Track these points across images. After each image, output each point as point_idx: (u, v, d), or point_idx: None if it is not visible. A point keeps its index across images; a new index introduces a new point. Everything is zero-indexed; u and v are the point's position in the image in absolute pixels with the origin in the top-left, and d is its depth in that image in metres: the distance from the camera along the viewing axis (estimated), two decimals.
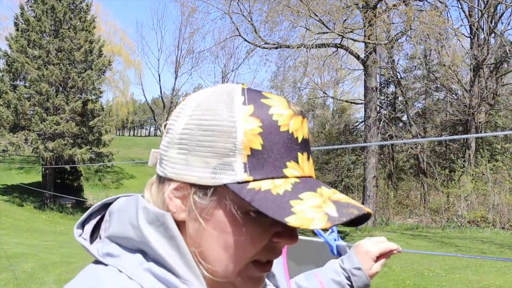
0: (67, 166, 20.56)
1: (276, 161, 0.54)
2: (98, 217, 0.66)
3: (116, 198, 0.64)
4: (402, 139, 18.45)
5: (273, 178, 0.54)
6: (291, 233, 0.57)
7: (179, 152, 0.57)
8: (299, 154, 0.56)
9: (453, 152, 20.57)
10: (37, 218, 18.34)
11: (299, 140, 0.56)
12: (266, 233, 0.56)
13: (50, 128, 19.20)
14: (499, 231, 13.86)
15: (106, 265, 0.57)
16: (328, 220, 0.49)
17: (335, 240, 2.32)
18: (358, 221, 0.55)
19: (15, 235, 13.11)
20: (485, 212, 15.24)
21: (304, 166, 0.56)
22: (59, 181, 23.12)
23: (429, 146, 20.40)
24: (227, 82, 43.29)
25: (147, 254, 0.57)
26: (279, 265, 0.80)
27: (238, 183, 0.53)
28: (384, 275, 8.52)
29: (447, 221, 15.76)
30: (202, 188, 0.56)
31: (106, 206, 0.65)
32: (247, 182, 0.53)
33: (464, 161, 17.28)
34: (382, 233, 13.88)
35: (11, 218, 16.76)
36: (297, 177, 0.55)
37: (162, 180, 0.60)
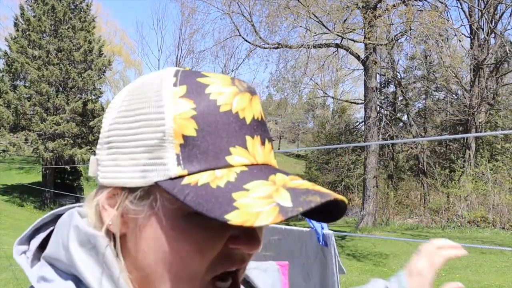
0: (67, 166, 20.57)
1: (216, 148, 0.45)
2: (49, 230, 0.56)
3: (69, 209, 0.54)
4: (402, 139, 18.46)
5: (213, 169, 0.44)
6: (250, 236, 0.46)
7: (108, 153, 0.49)
8: (248, 137, 0.46)
9: (453, 152, 20.57)
10: (37, 218, 18.12)
11: (248, 121, 0.47)
12: (217, 238, 0.46)
13: (51, 128, 19.21)
14: (499, 231, 13.86)
15: None
16: (280, 212, 0.39)
17: (322, 228, 2.32)
18: (332, 212, 0.48)
19: (15, 235, 13.11)
20: (485, 212, 15.24)
21: (255, 151, 0.47)
22: (59, 181, 23.13)
23: (429, 146, 20.40)
24: None
25: (80, 281, 0.47)
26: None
27: (171, 179, 0.44)
28: (384, 275, 8.52)
29: (447, 221, 15.76)
30: (134, 191, 0.47)
31: (58, 217, 0.55)
32: (182, 176, 0.44)
33: (464, 161, 17.28)
34: (382, 233, 13.90)
35: (11, 218, 16.77)
36: (246, 165, 0.45)
37: (98, 188, 0.51)
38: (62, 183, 23.16)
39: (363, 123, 18.66)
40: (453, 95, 19.34)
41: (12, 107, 19.27)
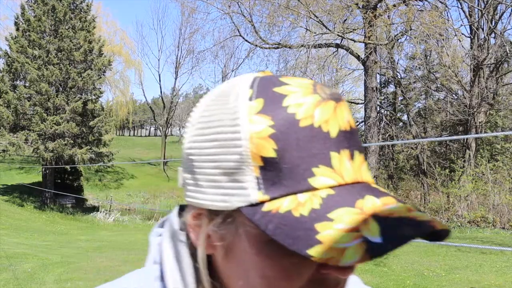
0: (67, 166, 20.58)
1: (297, 170, 0.40)
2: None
3: None
4: (402, 139, 18.46)
5: (295, 193, 0.40)
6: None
7: (189, 171, 0.47)
8: (333, 153, 0.41)
9: (453, 152, 20.58)
10: (37, 218, 18.34)
11: (332, 135, 0.42)
12: (306, 264, 0.42)
13: (51, 128, 19.21)
14: (499, 231, 13.86)
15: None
16: (367, 251, 0.35)
17: None
18: (433, 236, 0.41)
19: (15, 235, 13.11)
20: (485, 212, 15.24)
21: (342, 169, 0.42)
22: (59, 181, 23.15)
23: (429, 146, 20.40)
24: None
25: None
26: None
27: (252, 205, 0.41)
28: (384, 275, 8.52)
29: (447, 221, 15.76)
30: (217, 214, 0.45)
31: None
32: (263, 202, 0.41)
33: (464, 161, 17.28)
34: None
35: (11, 218, 16.77)
36: (332, 187, 0.41)
37: (186, 205, 0.51)
38: (62, 183, 23.16)
39: (363, 123, 18.66)
40: (453, 95, 19.34)
41: (12, 107, 19.28)
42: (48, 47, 19.78)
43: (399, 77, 21.50)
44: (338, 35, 15.12)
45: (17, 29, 20.16)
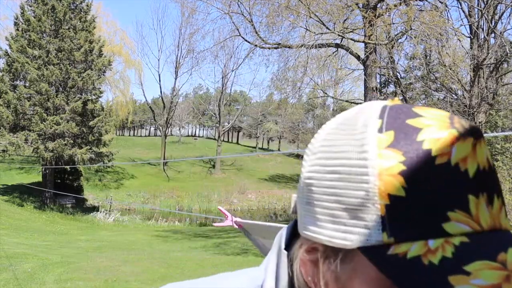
0: (67, 167, 20.59)
1: (430, 212, 0.36)
2: None
3: None
4: None
5: (425, 238, 0.36)
6: None
7: (306, 202, 0.44)
8: (471, 197, 0.37)
9: None
10: (37, 218, 18.34)
11: (471, 175, 0.37)
12: None
13: (50, 128, 19.21)
14: None
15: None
16: None
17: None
18: None
19: (15, 235, 13.11)
20: None
21: (480, 214, 0.37)
22: (59, 181, 23.14)
23: None
24: (227, 82, 42.98)
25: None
26: None
27: (374, 247, 0.38)
28: None
29: None
30: (336, 251, 0.41)
31: None
32: (387, 245, 0.37)
33: None
34: None
35: (11, 218, 16.77)
36: (467, 234, 0.36)
37: (298, 236, 0.47)
38: (62, 183, 23.17)
39: None
40: (453, 95, 19.35)
41: (12, 107, 19.28)
42: (48, 47, 19.78)
43: (399, 77, 21.52)
44: (338, 34, 15.12)
45: (17, 29, 20.16)
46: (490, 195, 0.38)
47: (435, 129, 0.38)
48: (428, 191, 0.36)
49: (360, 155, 0.39)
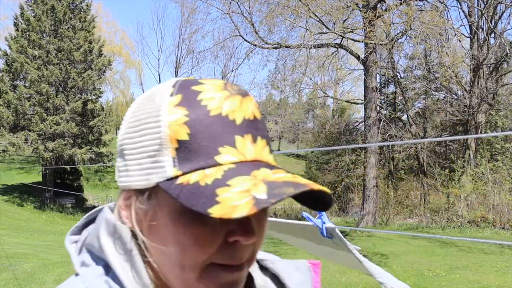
0: (67, 166, 20.59)
1: (206, 149, 0.49)
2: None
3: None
4: (402, 139, 18.46)
5: (203, 168, 0.49)
6: (245, 229, 0.51)
7: (121, 160, 0.56)
8: (238, 137, 0.51)
9: (453, 152, 20.58)
10: (37, 218, 18.34)
11: (238, 122, 0.51)
12: (215, 232, 0.50)
13: (50, 128, 19.21)
14: (499, 231, 13.86)
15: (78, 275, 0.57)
16: (254, 205, 0.44)
17: (324, 223, 2.36)
18: (318, 202, 0.52)
19: (15, 235, 13.12)
20: (485, 212, 15.24)
21: (245, 149, 0.51)
22: (59, 181, 23.14)
23: (429, 146, 20.40)
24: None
25: (109, 266, 0.55)
26: None
27: (168, 179, 0.50)
28: None
29: (447, 221, 15.76)
30: (142, 193, 0.53)
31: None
32: (177, 177, 0.49)
33: (464, 161, 17.28)
34: (382, 233, 13.89)
35: (11, 218, 16.77)
36: (234, 163, 0.50)
37: (119, 191, 0.58)
38: (62, 183, 23.16)
39: (363, 123, 18.67)
40: (453, 95, 19.33)
41: (12, 107, 19.27)
42: (48, 47, 19.77)
43: (399, 77, 21.51)
44: (338, 34, 15.10)
45: (17, 29, 20.15)
46: (253, 137, 0.52)
47: (212, 92, 0.52)
48: (204, 134, 0.50)
49: (156, 113, 0.52)
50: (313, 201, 0.53)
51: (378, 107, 18.55)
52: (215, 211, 0.44)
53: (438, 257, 10.22)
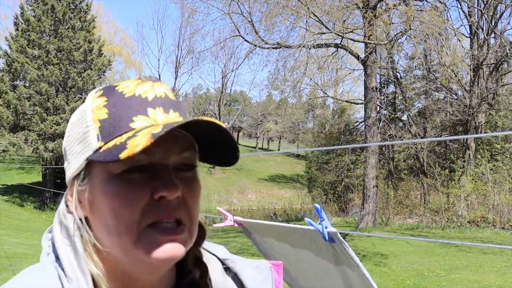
0: None
1: (122, 121, 0.58)
2: None
3: None
4: (402, 139, 18.46)
5: (121, 134, 0.57)
6: (166, 183, 0.57)
7: (66, 158, 0.65)
8: (150, 108, 0.59)
9: (453, 152, 20.57)
10: (37, 218, 18.34)
11: (150, 99, 0.60)
12: (140, 191, 0.57)
13: (50, 128, 19.20)
14: (499, 231, 13.86)
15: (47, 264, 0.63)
16: (151, 138, 0.51)
17: (326, 227, 2.34)
18: (225, 155, 0.61)
19: (15, 235, 13.11)
20: (485, 212, 15.24)
21: (156, 116, 0.59)
22: (59, 181, 23.12)
23: (429, 146, 20.39)
24: (227, 82, 43.16)
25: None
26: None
27: (95, 151, 0.58)
28: (384, 275, 8.52)
29: (447, 221, 15.75)
30: (79, 176, 0.61)
31: None
32: (100, 147, 0.58)
33: (464, 161, 17.27)
34: (382, 233, 13.89)
35: (11, 218, 16.77)
36: (147, 127, 0.57)
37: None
38: (62, 183, 23.13)
39: (363, 123, 18.66)
40: (453, 95, 19.32)
41: (12, 107, 19.27)
42: (48, 47, 19.76)
43: (399, 77, 21.50)
44: (338, 34, 15.10)
45: (17, 29, 20.14)
46: (165, 109, 0.60)
47: (127, 83, 0.62)
48: (121, 111, 0.59)
49: (83, 108, 0.63)
50: (223, 150, 0.61)
51: (378, 107, 18.54)
52: (123, 155, 0.51)
53: (438, 257, 10.22)
